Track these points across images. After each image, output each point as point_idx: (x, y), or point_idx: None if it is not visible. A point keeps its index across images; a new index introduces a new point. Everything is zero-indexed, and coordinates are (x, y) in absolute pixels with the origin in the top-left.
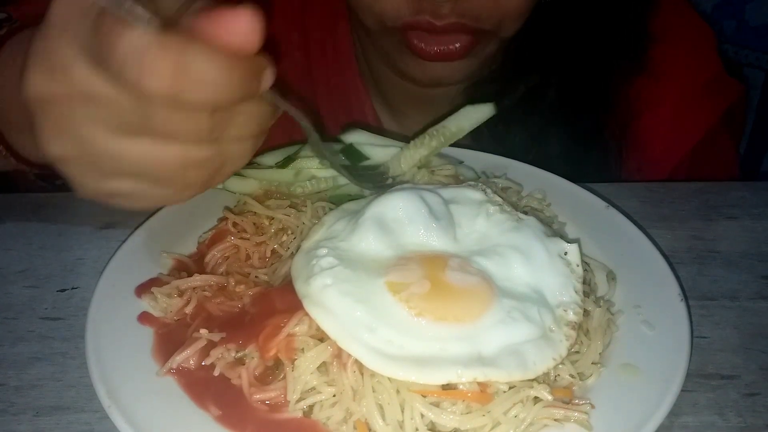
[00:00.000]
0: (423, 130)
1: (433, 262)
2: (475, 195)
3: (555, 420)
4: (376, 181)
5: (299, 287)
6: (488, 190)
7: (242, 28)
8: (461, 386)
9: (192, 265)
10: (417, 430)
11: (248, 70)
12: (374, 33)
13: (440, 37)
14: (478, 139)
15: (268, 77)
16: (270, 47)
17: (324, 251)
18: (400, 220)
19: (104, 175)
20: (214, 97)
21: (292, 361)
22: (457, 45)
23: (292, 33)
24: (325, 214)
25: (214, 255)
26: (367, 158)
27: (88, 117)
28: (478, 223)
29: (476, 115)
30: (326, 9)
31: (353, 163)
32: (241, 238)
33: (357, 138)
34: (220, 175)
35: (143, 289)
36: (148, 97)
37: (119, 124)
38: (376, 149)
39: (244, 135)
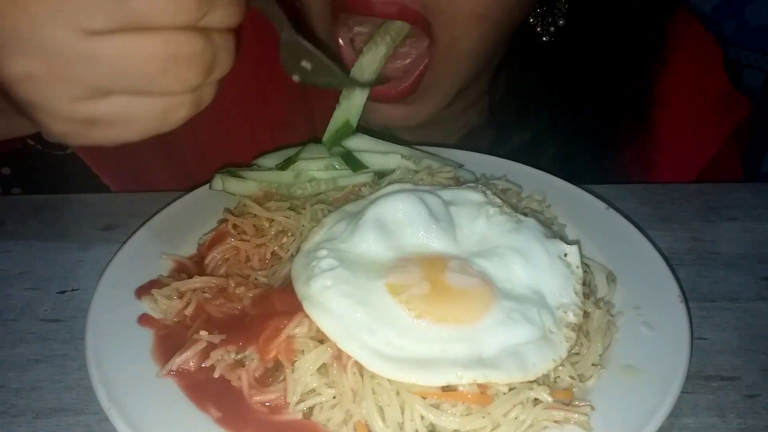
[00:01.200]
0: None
1: (433, 264)
2: (475, 197)
3: (555, 422)
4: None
5: (299, 289)
6: (488, 192)
7: None
8: (461, 388)
9: (192, 267)
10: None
11: None
12: (325, 32)
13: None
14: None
15: None
16: None
17: (324, 252)
18: (400, 222)
19: (79, 93)
20: None
21: (292, 362)
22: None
23: None
24: (325, 216)
25: (214, 257)
26: (365, 167)
27: (53, 17)
28: (478, 225)
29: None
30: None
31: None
32: (241, 239)
33: (357, 143)
34: (216, 70)
35: (143, 290)
36: None
37: (91, 19)
38: (375, 156)
39: (226, 21)
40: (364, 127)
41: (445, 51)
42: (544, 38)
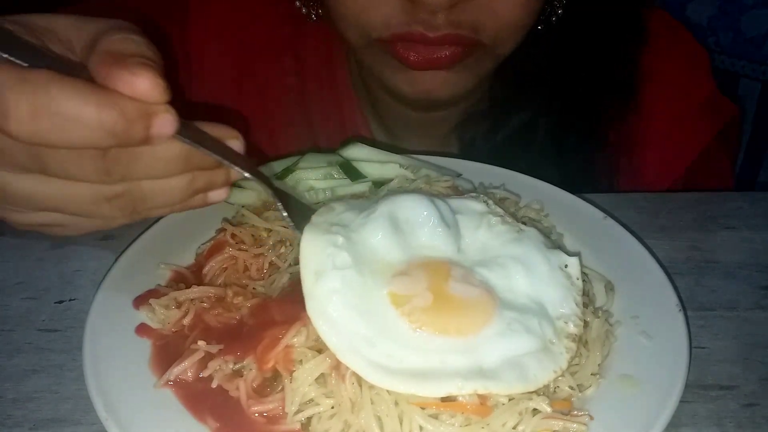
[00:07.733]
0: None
1: (436, 272)
2: (477, 206)
3: None
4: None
5: (306, 279)
6: (490, 201)
7: (141, 88)
8: (460, 398)
9: (190, 277)
10: None
11: (128, 113)
12: (358, 48)
13: (431, 47)
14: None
15: (164, 122)
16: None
17: (340, 240)
18: (411, 222)
19: (24, 211)
20: (82, 137)
21: (290, 372)
22: (446, 53)
23: (284, 58)
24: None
25: (212, 266)
26: (363, 176)
27: None
28: (480, 234)
29: None
30: (321, 35)
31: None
32: (240, 249)
33: (355, 153)
34: (148, 207)
35: (141, 300)
36: (15, 139)
37: (16, 164)
38: (373, 166)
39: (156, 174)
40: (363, 137)
41: (489, 51)
42: (539, 27)
